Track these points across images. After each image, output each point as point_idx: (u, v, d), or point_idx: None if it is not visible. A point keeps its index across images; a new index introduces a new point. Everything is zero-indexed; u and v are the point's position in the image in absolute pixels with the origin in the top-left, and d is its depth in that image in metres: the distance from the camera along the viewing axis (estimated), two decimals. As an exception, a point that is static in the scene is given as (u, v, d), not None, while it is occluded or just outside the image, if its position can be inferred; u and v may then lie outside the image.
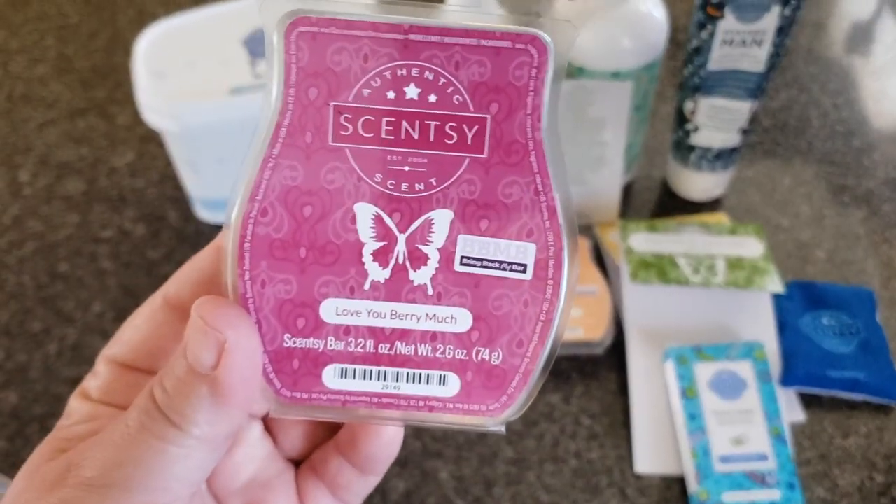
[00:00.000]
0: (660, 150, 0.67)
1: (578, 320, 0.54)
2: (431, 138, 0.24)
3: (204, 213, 0.62)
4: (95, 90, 0.72)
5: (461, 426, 0.26)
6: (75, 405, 0.27)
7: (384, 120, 0.24)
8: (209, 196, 0.60)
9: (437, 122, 0.24)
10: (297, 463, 0.30)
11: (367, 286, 0.25)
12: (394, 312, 0.25)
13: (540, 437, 0.51)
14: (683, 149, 0.61)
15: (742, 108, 0.57)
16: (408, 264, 0.25)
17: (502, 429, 0.26)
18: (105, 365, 0.27)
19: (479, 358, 0.26)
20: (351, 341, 0.25)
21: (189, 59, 0.56)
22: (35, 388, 0.53)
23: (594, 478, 0.49)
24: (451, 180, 0.25)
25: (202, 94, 0.54)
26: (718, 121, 0.58)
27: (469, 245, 0.25)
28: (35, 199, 0.64)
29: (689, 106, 0.59)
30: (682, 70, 0.58)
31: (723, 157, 0.61)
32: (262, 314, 0.25)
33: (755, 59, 0.54)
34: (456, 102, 0.24)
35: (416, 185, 0.25)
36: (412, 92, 0.24)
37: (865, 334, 0.54)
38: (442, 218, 0.25)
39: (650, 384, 0.53)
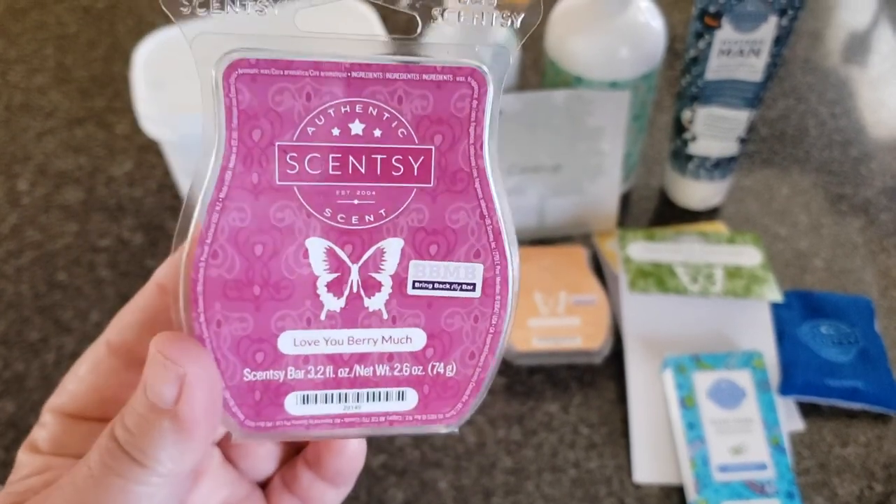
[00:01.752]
0: (658, 160, 0.68)
1: (577, 329, 0.54)
2: (379, 171, 0.25)
3: (202, 223, 0.62)
4: (94, 100, 0.72)
5: (419, 433, 0.27)
6: (24, 459, 0.26)
7: (331, 156, 0.25)
8: (208, 205, 0.60)
9: (384, 156, 0.25)
10: (262, 485, 0.30)
11: (323, 316, 0.26)
12: (351, 338, 0.26)
13: (538, 447, 0.51)
14: (681, 158, 0.62)
15: (740, 118, 0.57)
16: (362, 292, 0.26)
17: (456, 430, 0.28)
18: (52, 416, 0.27)
19: (435, 372, 0.27)
20: (311, 369, 0.26)
21: (187, 69, 0.56)
22: (32, 397, 0.53)
23: (593, 487, 0.49)
24: (400, 210, 0.25)
25: (201, 103, 0.54)
26: (716, 130, 0.58)
27: (420, 270, 0.26)
28: (33, 208, 0.64)
29: (686, 115, 0.59)
30: (680, 79, 0.58)
31: (721, 166, 0.61)
32: (221, 353, 0.25)
33: (752, 69, 0.54)
34: (401, 136, 0.25)
35: (366, 216, 0.25)
36: (357, 128, 0.25)
37: (864, 343, 0.54)
38: (393, 246, 0.26)
39: (649, 393, 0.53)
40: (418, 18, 0.25)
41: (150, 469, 0.22)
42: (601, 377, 0.54)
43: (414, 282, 0.26)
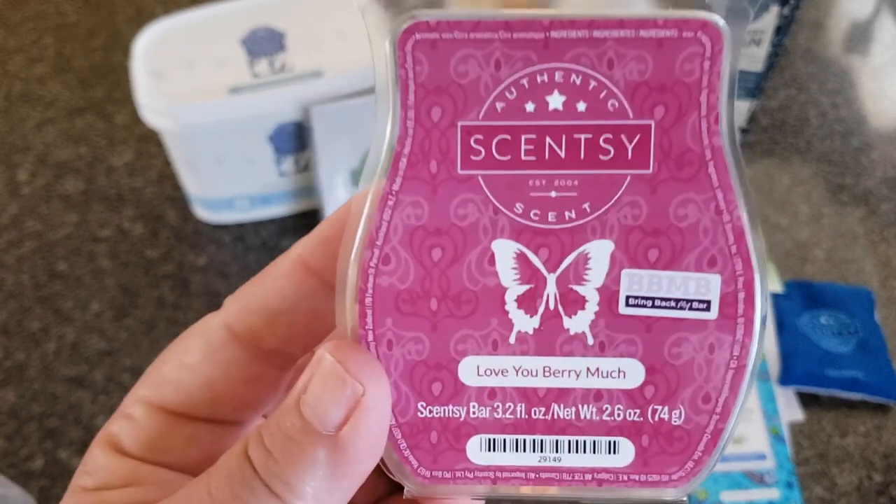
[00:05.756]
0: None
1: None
2: (582, 155, 0.20)
3: (202, 213, 0.62)
4: (94, 89, 0.72)
5: (637, 499, 0.22)
6: (103, 459, 0.21)
7: (524, 138, 0.20)
8: (207, 195, 0.60)
9: (589, 136, 0.20)
10: None
11: (512, 339, 0.21)
12: (547, 369, 0.21)
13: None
14: (682, 148, 0.61)
15: (740, 108, 0.57)
16: (560, 310, 0.21)
17: (685, 498, 0.21)
18: (145, 409, 0.21)
19: (657, 418, 0.21)
20: (498, 406, 0.21)
21: (188, 59, 0.56)
22: (33, 386, 0.53)
23: (593, 477, 0.49)
24: (610, 204, 0.20)
25: (201, 93, 0.54)
26: (717, 120, 0.58)
27: (636, 282, 0.20)
28: (34, 199, 0.64)
29: (687, 105, 0.59)
30: (681, 69, 0.58)
31: (721, 156, 0.61)
32: (391, 380, 0.21)
33: (754, 59, 0.54)
34: (611, 109, 0.20)
35: (567, 213, 0.20)
36: (556, 101, 0.20)
37: (864, 333, 0.54)
38: (600, 251, 0.20)
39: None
40: None
41: None
42: (601, 367, 0.54)
43: (628, 297, 0.21)
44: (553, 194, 0.20)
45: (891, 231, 0.62)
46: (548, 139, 0.20)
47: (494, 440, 0.21)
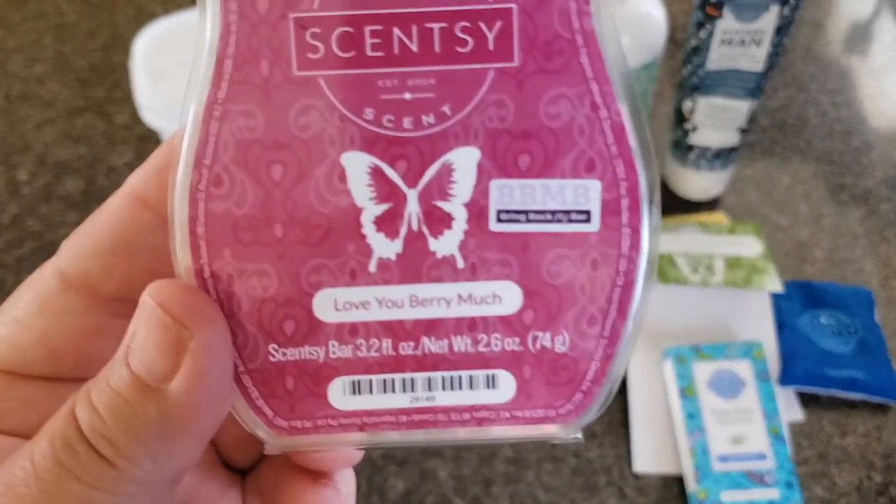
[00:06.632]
0: (658, 150, 0.67)
1: (577, 319, 0.54)
2: (437, 48, 0.17)
3: (202, 213, 0.62)
4: (94, 89, 0.72)
5: (522, 439, 0.19)
6: None
7: (368, 30, 0.17)
8: (208, 195, 0.60)
9: (444, 24, 0.17)
10: (244, 472, 0.23)
11: (372, 267, 0.18)
12: (414, 298, 0.18)
13: (539, 437, 0.51)
14: (682, 148, 0.61)
15: (741, 108, 0.57)
16: (425, 230, 0.18)
17: (579, 436, 0.19)
18: None
19: (538, 346, 0.19)
20: (361, 343, 0.19)
21: (188, 59, 0.56)
22: (34, 387, 0.53)
23: (593, 477, 0.49)
24: (472, 105, 0.18)
25: None
26: (717, 120, 0.58)
27: (507, 193, 0.18)
28: (33, 199, 0.64)
29: (687, 105, 0.59)
30: (681, 69, 0.58)
31: (721, 156, 0.61)
32: (235, 321, 0.18)
33: (754, 59, 0.54)
34: None
35: (424, 118, 0.18)
36: None
37: (864, 333, 0.54)
38: (465, 160, 0.18)
39: (649, 383, 0.53)
40: None
41: (121, 472, 0.16)
42: (601, 367, 0.54)
43: (499, 212, 0.18)
44: (407, 96, 0.17)
45: (891, 231, 0.62)
46: (396, 30, 0.17)
47: (359, 382, 0.19)
